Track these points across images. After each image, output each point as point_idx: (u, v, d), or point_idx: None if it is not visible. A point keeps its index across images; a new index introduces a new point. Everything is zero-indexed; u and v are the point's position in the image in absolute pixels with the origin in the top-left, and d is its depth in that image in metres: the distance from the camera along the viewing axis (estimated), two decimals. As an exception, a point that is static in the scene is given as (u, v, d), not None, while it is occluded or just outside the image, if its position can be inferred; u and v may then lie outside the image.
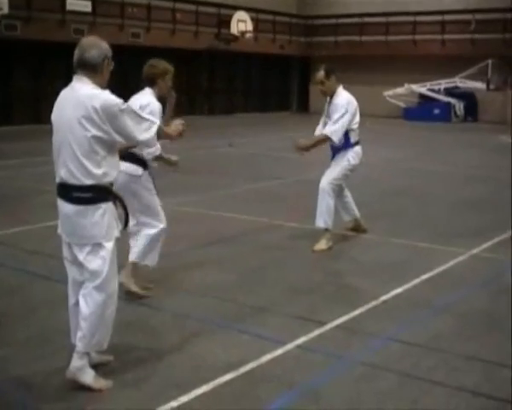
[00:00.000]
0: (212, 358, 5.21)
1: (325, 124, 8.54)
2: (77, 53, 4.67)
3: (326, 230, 8.46)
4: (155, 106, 6.40)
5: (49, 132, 4.83)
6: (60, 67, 25.27)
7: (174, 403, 4.48)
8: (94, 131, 4.51)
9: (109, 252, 4.66)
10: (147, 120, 4.77)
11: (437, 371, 5.05)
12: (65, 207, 4.67)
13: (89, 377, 4.67)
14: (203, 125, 27.26)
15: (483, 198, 12.14)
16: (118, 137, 4.63)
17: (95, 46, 4.68)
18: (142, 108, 6.09)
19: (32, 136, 21.78)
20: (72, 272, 4.84)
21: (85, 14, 25.41)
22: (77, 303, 4.82)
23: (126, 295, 6.29)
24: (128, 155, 6.14)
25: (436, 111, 31.74)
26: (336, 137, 8.28)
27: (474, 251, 8.33)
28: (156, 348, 5.41)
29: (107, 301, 4.69)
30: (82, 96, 4.55)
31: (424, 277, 7.30)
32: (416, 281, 7.16)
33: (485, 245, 8.59)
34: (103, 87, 4.71)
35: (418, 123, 29.91)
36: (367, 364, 5.16)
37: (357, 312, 6.24)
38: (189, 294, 6.79)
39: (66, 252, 4.83)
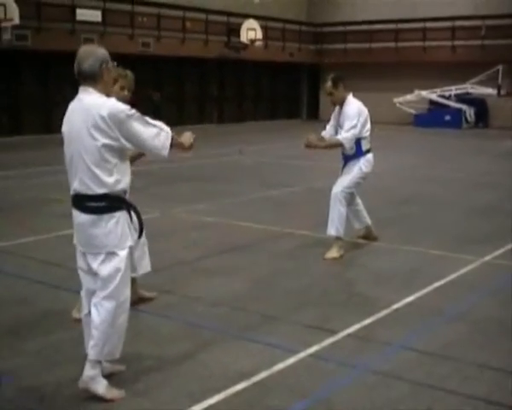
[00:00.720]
0: (224, 367, 5.20)
1: (336, 130, 8.53)
2: (75, 65, 4.68)
3: (338, 238, 8.44)
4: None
5: (59, 142, 4.85)
6: (69, 76, 24.94)
7: (187, 413, 4.48)
8: (103, 140, 4.51)
9: (122, 260, 4.67)
10: (156, 125, 4.71)
11: (450, 379, 5.02)
12: (79, 217, 4.68)
13: (101, 386, 4.67)
14: (213, 133, 27.33)
15: (493, 205, 12.10)
16: (127, 144, 4.61)
17: (90, 55, 4.67)
18: None
19: (42, 145, 21.90)
20: (86, 282, 4.84)
21: (95, 23, 25.52)
22: (90, 313, 4.83)
23: (137, 305, 6.30)
24: None
25: (447, 117, 31.64)
26: (348, 145, 8.29)
27: (486, 258, 8.29)
28: (168, 357, 5.40)
29: (118, 309, 4.69)
30: (89, 107, 4.56)
31: (436, 284, 7.27)
32: (428, 289, 7.13)
33: (496, 252, 8.55)
34: (108, 94, 4.72)
35: (429, 129, 29.83)
36: (379, 372, 5.13)
37: (369, 320, 6.22)
38: (201, 302, 6.79)
39: (80, 262, 4.84)
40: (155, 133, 4.67)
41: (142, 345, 5.61)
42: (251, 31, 31.48)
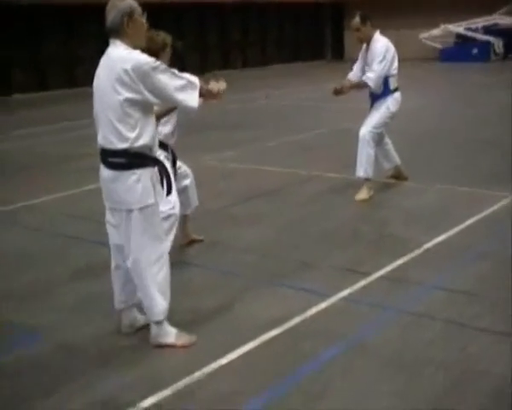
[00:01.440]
0: (257, 315, 5.23)
1: (363, 70, 8.42)
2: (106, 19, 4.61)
3: (367, 179, 8.39)
4: None
5: (84, 96, 4.84)
6: (91, 30, 25.27)
7: (222, 360, 4.52)
8: (126, 94, 4.43)
9: (143, 218, 4.59)
10: (182, 77, 4.57)
11: (481, 318, 5.01)
12: (103, 172, 4.68)
13: (170, 337, 4.76)
14: (237, 78, 27.10)
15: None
16: (152, 98, 4.49)
17: (112, 8, 4.57)
18: None
19: (67, 100, 21.94)
20: (112, 237, 4.86)
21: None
22: (118, 267, 4.89)
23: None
24: None
25: (474, 51, 31.03)
26: (375, 84, 8.20)
27: (517, 194, 8.19)
28: (202, 307, 5.45)
29: (152, 267, 4.66)
30: (113, 60, 4.51)
31: (466, 223, 7.20)
32: (459, 228, 7.07)
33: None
34: (138, 46, 4.60)
35: (456, 64, 29.30)
36: (412, 313, 5.14)
37: (400, 261, 6.20)
38: (232, 250, 6.82)
39: (108, 216, 4.85)
40: (182, 85, 4.53)
41: (175, 296, 5.60)
42: (272, -28, 31.03)
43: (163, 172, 4.82)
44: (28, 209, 8.75)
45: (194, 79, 4.60)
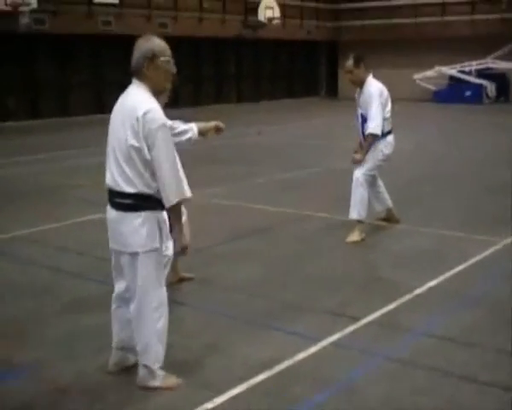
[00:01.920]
0: (246, 357, 5.19)
1: (361, 116, 8.43)
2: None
3: (359, 221, 8.40)
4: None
5: (77, 125, 4.79)
6: (86, 60, 25.46)
7: (209, 405, 4.46)
8: (132, 141, 4.35)
9: (147, 263, 4.53)
10: (177, 171, 4.48)
11: (469, 366, 4.99)
12: (109, 213, 4.61)
13: (157, 381, 4.69)
14: (231, 112, 27.22)
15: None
16: (148, 155, 4.38)
17: (136, 49, 4.50)
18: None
19: (60, 128, 21.99)
20: (117, 281, 4.80)
21: (112, 5, 25.43)
22: (117, 308, 4.85)
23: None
24: None
25: (467, 93, 31.35)
26: (379, 131, 8.23)
27: (508, 240, 8.19)
28: (189, 347, 5.41)
29: (153, 314, 4.60)
30: (129, 103, 4.46)
31: (458, 268, 7.20)
32: (450, 273, 7.07)
33: (519, 233, 8.44)
34: (158, 90, 4.53)
35: (449, 105, 29.57)
36: (401, 360, 5.11)
37: (391, 306, 6.17)
38: (221, 290, 6.78)
39: (113, 260, 4.77)
40: (173, 176, 4.41)
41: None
42: (269, 9, 31.38)
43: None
44: (19, 240, 8.71)
45: (185, 189, 4.60)
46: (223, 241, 8.56)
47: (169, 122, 6.14)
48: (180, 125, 6.15)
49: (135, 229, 4.46)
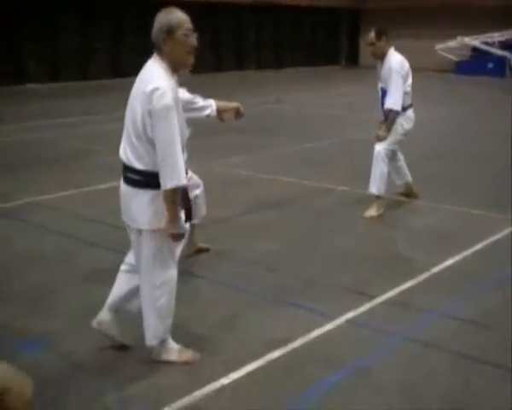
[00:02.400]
0: (262, 333, 5.18)
1: (382, 90, 8.34)
2: None
3: (378, 197, 8.34)
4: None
5: (96, 89, 4.71)
6: (105, 24, 25.34)
7: (225, 380, 4.47)
8: (140, 117, 4.27)
9: (152, 241, 4.46)
10: (177, 158, 4.25)
11: (489, 350, 4.94)
12: (121, 186, 4.56)
13: (172, 354, 4.71)
14: (251, 80, 27.09)
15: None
16: (150, 133, 4.27)
17: (155, 22, 4.37)
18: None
19: (80, 93, 21.92)
20: (132, 252, 4.79)
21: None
22: (125, 271, 4.83)
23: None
24: None
25: (490, 65, 30.92)
26: (399, 106, 8.14)
27: (529, 219, 8.11)
28: (206, 320, 5.41)
29: (154, 291, 4.56)
30: (143, 77, 4.36)
31: (477, 247, 7.14)
32: (468, 251, 7.01)
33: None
34: (176, 65, 4.39)
35: (470, 77, 29.21)
36: (417, 341, 5.08)
37: (407, 285, 6.14)
38: (237, 262, 6.77)
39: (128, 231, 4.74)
40: (170, 161, 4.24)
41: (181, 309, 5.56)
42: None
43: (183, 197, 4.49)
44: (37, 206, 8.73)
45: (182, 178, 4.30)
46: (241, 213, 8.54)
47: (189, 96, 6.12)
48: (200, 101, 6.13)
49: (142, 206, 4.40)
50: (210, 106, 6.20)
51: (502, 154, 12.42)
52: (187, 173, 6.24)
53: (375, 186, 8.32)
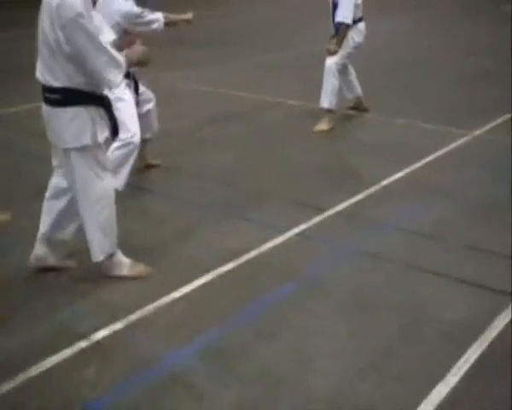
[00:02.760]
0: (213, 246, 5.21)
1: (333, 3, 8.23)
2: None
3: (329, 110, 8.34)
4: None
5: None
6: None
7: (176, 294, 4.51)
8: (51, 33, 4.09)
9: (79, 159, 4.37)
10: (113, 54, 4.18)
11: (437, 261, 5.04)
12: (43, 106, 4.41)
13: (123, 269, 4.72)
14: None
15: (490, 72, 11.69)
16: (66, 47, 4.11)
17: None
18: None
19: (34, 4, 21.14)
20: (55, 169, 4.70)
21: None
22: (51, 198, 4.72)
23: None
24: None
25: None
26: (350, 20, 8.06)
27: (477, 132, 8.20)
28: (157, 236, 5.41)
29: (93, 206, 4.49)
30: None
31: (426, 159, 7.21)
32: (418, 164, 7.08)
33: (488, 126, 8.42)
34: None
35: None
36: (367, 253, 5.15)
37: (358, 197, 6.20)
38: (190, 177, 6.75)
39: (53, 158, 4.68)
40: (106, 59, 4.14)
41: (132, 223, 5.59)
42: None
43: (107, 113, 4.45)
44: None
45: (120, 59, 4.24)
46: (192, 127, 8.47)
47: (137, 10, 5.98)
48: (148, 15, 6.04)
49: (64, 125, 4.29)
50: (157, 20, 6.11)
51: (454, 66, 12.45)
52: (138, 87, 6.17)
53: (327, 100, 8.30)
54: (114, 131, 4.59)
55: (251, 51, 13.96)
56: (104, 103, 4.43)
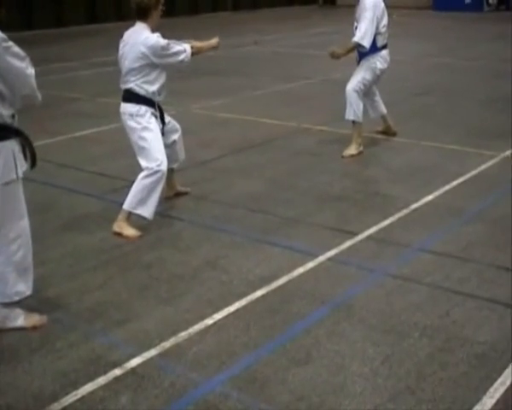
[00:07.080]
0: (244, 272, 5.24)
1: (355, 29, 8.29)
2: None
3: (356, 123, 8.34)
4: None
5: (71, 36, 4.64)
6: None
7: (209, 321, 4.53)
8: None
9: (3, 195, 4.20)
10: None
11: (468, 282, 5.03)
12: None
13: (19, 320, 4.49)
14: (228, 21, 26.78)
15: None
16: None
17: None
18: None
19: (54, 40, 21.55)
20: None
21: None
22: None
23: (156, 210, 6.30)
24: (131, 95, 6.03)
25: (467, 0, 30.65)
26: (367, 43, 8.08)
27: (507, 153, 8.17)
28: (188, 263, 5.45)
29: (9, 246, 4.31)
30: None
31: (455, 182, 7.21)
32: (447, 187, 7.08)
33: (517, 147, 8.40)
34: None
35: (448, 13, 28.99)
36: (398, 276, 5.16)
37: (387, 221, 6.21)
38: (219, 204, 6.80)
39: None
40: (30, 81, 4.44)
41: (163, 251, 5.65)
42: None
43: (26, 143, 4.35)
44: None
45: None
46: (221, 155, 8.53)
47: (163, 42, 5.99)
48: (174, 46, 6.00)
49: None
50: (184, 51, 6.07)
51: (482, 89, 12.43)
52: (164, 118, 6.22)
53: (352, 111, 8.30)
54: (33, 162, 4.45)
55: (275, 80, 14.03)
56: (22, 135, 4.33)
